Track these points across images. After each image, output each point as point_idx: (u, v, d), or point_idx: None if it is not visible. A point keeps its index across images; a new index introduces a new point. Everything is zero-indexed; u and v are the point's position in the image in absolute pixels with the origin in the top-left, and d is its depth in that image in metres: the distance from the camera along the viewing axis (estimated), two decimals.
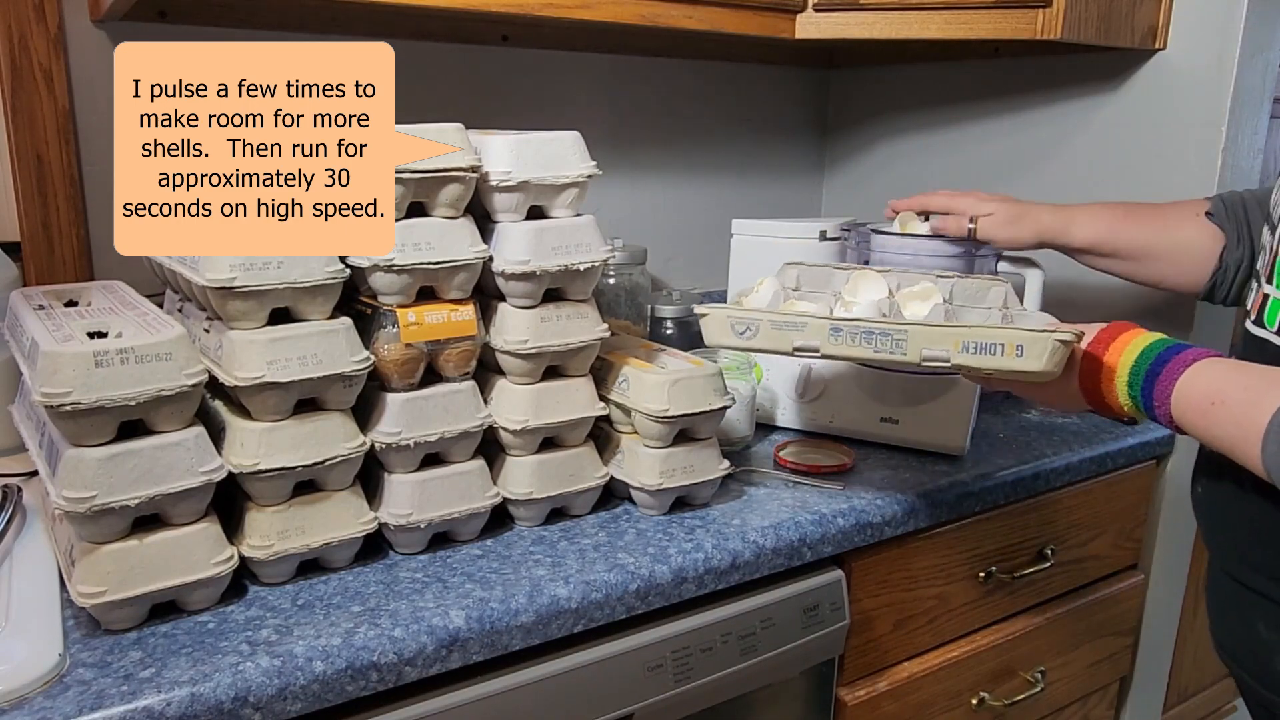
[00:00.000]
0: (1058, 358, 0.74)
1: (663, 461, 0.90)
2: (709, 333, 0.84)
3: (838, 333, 0.79)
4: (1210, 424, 0.70)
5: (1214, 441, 0.71)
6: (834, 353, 0.80)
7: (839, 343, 0.79)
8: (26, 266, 1.06)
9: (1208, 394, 0.70)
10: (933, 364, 0.77)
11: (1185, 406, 0.71)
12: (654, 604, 0.83)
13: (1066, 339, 0.74)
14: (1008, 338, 0.75)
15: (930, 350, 0.77)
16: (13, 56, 1.01)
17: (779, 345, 0.81)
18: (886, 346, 0.78)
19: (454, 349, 0.83)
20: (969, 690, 1.12)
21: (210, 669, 0.65)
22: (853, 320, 0.80)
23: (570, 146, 0.86)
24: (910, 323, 0.79)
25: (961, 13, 1.12)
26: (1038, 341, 0.74)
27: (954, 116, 1.48)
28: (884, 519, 0.96)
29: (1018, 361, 0.75)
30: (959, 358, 0.77)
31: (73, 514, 0.66)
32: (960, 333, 0.77)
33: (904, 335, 0.78)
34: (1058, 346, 0.74)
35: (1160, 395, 0.72)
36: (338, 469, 0.78)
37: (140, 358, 0.67)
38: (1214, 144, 1.18)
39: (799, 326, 0.80)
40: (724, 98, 1.56)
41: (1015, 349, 0.75)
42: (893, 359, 0.78)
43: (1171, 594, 1.37)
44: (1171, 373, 0.72)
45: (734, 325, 0.82)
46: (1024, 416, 1.25)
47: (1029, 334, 0.74)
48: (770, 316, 0.82)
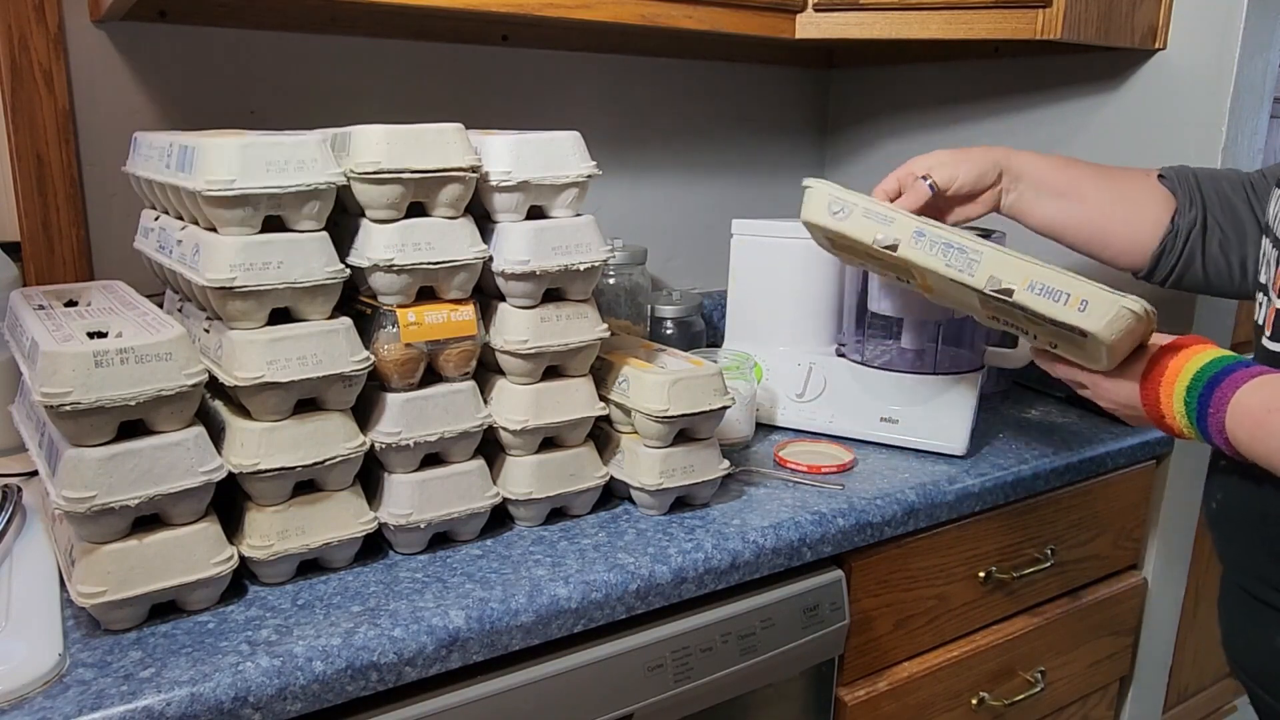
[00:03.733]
0: (1119, 325, 0.72)
1: (663, 461, 0.90)
2: (807, 207, 0.87)
3: (920, 236, 0.81)
4: (1265, 433, 0.69)
5: (1266, 453, 0.70)
6: (909, 255, 0.81)
7: (918, 247, 0.81)
8: (26, 266, 1.06)
9: (1267, 403, 0.69)
10: (996, 297, 0.77)
11: (1241, 415, 0.70)
12: (654, 604, 0.83)
13: (1135, 309, 0.72)
14: (1076, 289, 0.74)
15: (999, 277, 0.77)
16: (13, 56, 1.01)
17: (864, 234, 0.84)
18: (959, 263, 0.79)
19: (454, 349, 0.83)
20: (969, 690, 1.12)
21: (210, 669, 0.65)
22: (936, 228, 0.80)
23: (570, 146, 0.86)
24: (989, 245, 0.79)
25: (961, 13, 1.12)
26: (1105, 302, 0.73)
27: (954, 116, 1.48)
28: (884, 519, 0.96)
29: (1077, 316, 0.74)
30: (1022, 294, 0.76)
31: (73, 514, 0.66)
32: (1032, 270, 0.76)
33: (979, 256, 0.78)
34: (1123, 312, 0.72)
35: (1218, 402, 0.71)
36: (338, 469, 0.78)
37: (140, 358, 0.67)
38: (1214, 144, 1.18)
39: (887, 220, 0.83)
40: (724, 98, 1.56)
41: (1080, 302, 0.74)
42: (961, 278, 0.78)
43: (1171, 594, 1.37)
44: (1235, 381, 0.71)
45: (831, 204, 0.85)
46: (1024, 416, 1.25)
47: (1099, 291, 0.73)
48: (866, 204, 0.84)
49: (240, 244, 0.73)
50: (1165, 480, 1.28)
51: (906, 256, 0.81)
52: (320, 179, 0.75)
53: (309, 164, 0.75)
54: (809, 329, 1.18)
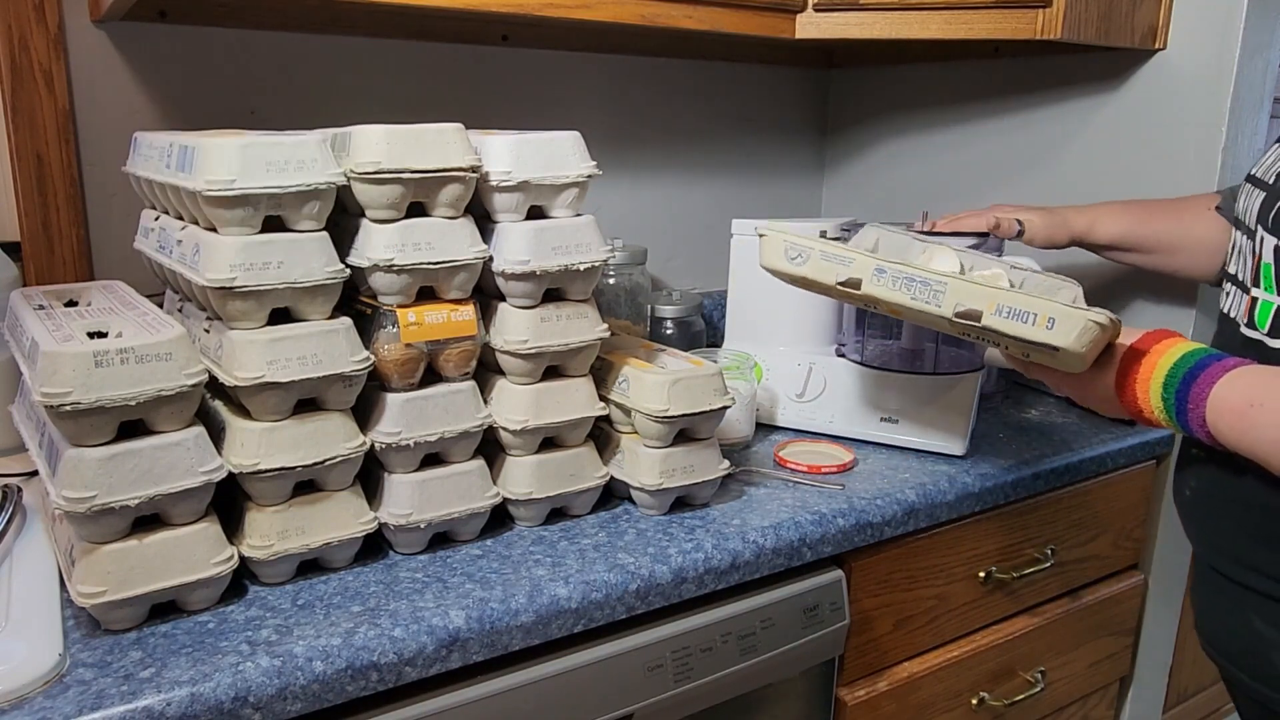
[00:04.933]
0: (1088, 338, 0.73)
1: (663, 461, 0.90)
2: (764, 254, 0.87)
3: (881, 274, 0.81)
4: (1248, 426, 0.70)
5: (1250, 446, 0.70)
6: (874, 293, 0.81)
7: (880, 283, 0.81)
8: (26, 266, 1.06)
9: (1247, 397, 0.70)
10: (965, 323, 0.77)
11: (1222, 409, 0.71)
12: (654, 604, 0.83)
13: (1100, 320, 0.73)
14: (1042, 309, 0.75)
15: (964, 305, 0.77)
16: (13, 56, 1.01)
17: (825, 276, 0.84)
18: (924, 295, 0.79)
19: (454, 349, 0.83)
20: (969, 690, 1.12)
21: (210, 669, 0.65)
22: (896, 264, 0.80)
23: (570, 146, 0.86)
24: (951, 275, 0.79)
25: (961, 13, 1.12)
26: (1071, 317, 0.73)
27: (954, 116, 1.48)
28: (884, 519, 0.96)
29: (1047, 334, 0.74)
30: (990, 319, 0.76)
31: (73, 514, 0.66)
32: (997, 294, 0.76)
33: (943, 287, 0.78)
34: (1090, 326, 0.73)
35: (1196, 397, 0.72)
36: (338, 469, 0.78)
37: (140, 358, 0.67)
38: (1214, 144, 1.18)
39: (846, 261, 0.83)
40: (724, 98, 1.56)
41: (1047, 321, 0.74)
42: (928, 310, 0.79)
43: (1171, 594, 1.37)
44: (1211, 376, 0.72)
45: (788, 250, 0.85)
46: (1024, 416, 1.25)
47: (1064, 309, 0.74)
48: (821, 247, 0.84)
49: (240, 244, 0.73)
50: (1165, 480, 1.28)
51: (870, 294, 0.82)
52: (320, 179, 0.75)
53: (309, 164, 0.75)
54: (809, 329, 1.18)
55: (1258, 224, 0.82)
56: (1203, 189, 1.15)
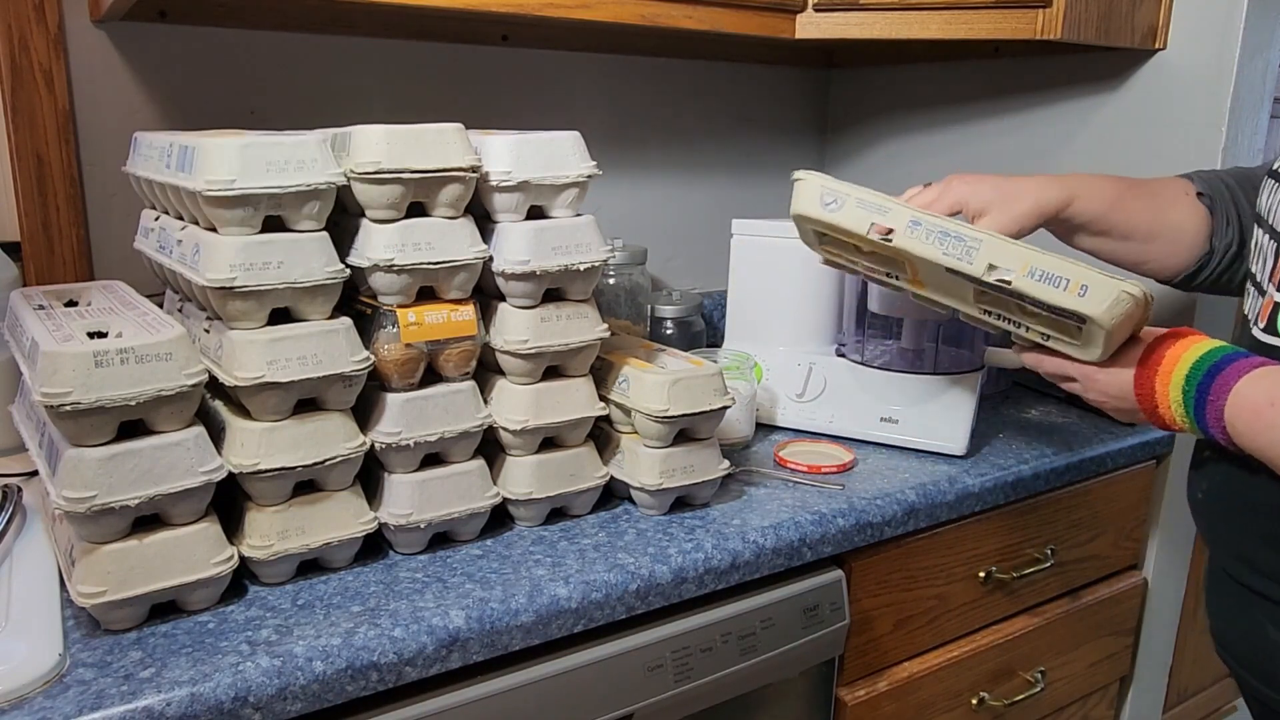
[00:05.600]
0: (1119, 309, 0.73)
1: (663, 461, 0.90)
2: (798, 200, 0.85)
3: (916, 225, 0.79)
4: (1265, 425, 0.69)
5: (1263, 446, 0.70)
6: (905, 245, 0.80)
7: (914, 236, 0.79)
8: (26, 266, 1.06)
9: (1269, 395, 0.69)
10: (995, 283, 0.76)
11: (1242, 405, 0.70)
12: (654, 604, 0.83)
13: (1134, 292, 0.72)
14: (1075, 274, 0.74)
15: (998, 263, 0.76)
16: (13, 56, 1.01)
17: (858, 224, 0.82)
18: (957, 251, 0.78)
19: (454, 349, 0.83)
20: (969, 690, 1.12)
21: (210, 669, 0.65)
22: (931, 217, 0.79)
23: (570, 146, 0.86)
24: (986, 233, 0.78)
25: (961, 13, 1.12)
26: (1105, 286, 0.73)
27: (954, 116, 1.48)
28: (884, 519, 0.96)
29: (1077, 301, 0.73)
30: (1021, 281, 0.75)
31: (73, 514, 0.66)
32: (1031, 256, 0.76)
33: (977, 243, 0.77)
34: (1123, 296, 0.72)
35: (1219, 390, 0.71)
36: (338, 469, 0.78)
37: (140, 358, 0.67)
38: (1214, 144, 1.18)
39: (882, 210, 0.81)
40: (724, 98, 1.56)
41: (1080, 288, 0.73)
42: (959, 266, 0.77)
43: (1171, 594, 1.37)
44: (1237, 369, 0.71)
45: (824, 195, 0.84)
46: (1024, 416, 1.26)
47: (1098, 276, 0.73)
48: (858, 194, 0.82)
49: (240, 244, 0.73)
50: (1165, 480, 1.28)
51: (902, 246, 0.80)
52: (320, 179, 0.75)
53: (309, 164, 0.75)
54: (809, 329, 1.18)
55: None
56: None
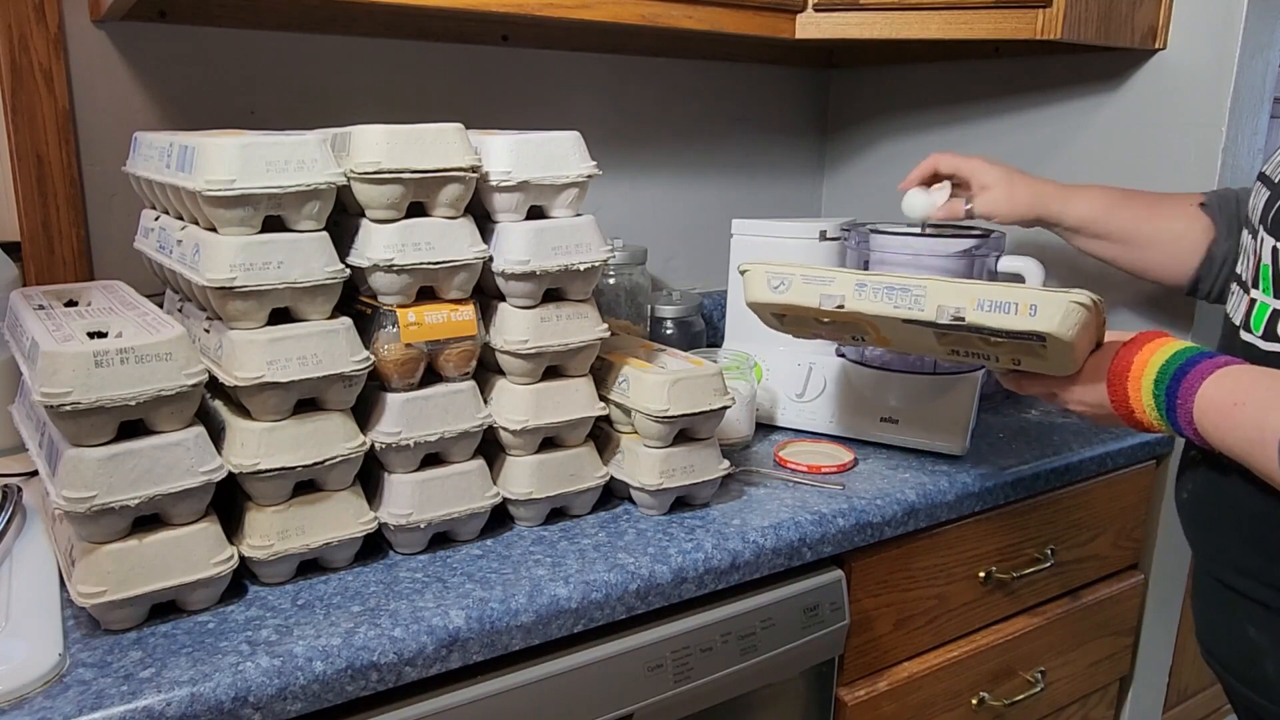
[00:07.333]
0: (1074, 321, 0.73)
1: (663, 461, 0.90)
2: (748, 289, 0.89)
3: (862, 288, 0.82)
4: (1232, 425, 0.69)
5: (1232, 445, 0.70)
6: (858, 307, 0.83)
7: (863, 297, 0.82)
8: (26, 266, 1.06)
9: (1233, 395, 0.70)
10: (952, 325, 0.78)
11: (1208, 407, 0.71)
12: (654, 604, 0.83)
13: (1082, 301, 0.73)
14: (1022, 296, 0.75)
15: (947, 305, 0.78)
16: (13, 56, 1.01)
17: (808, 299, 0.85)
18: (906, 302, 0.80)
19: (454, 349, 0.83)
20: (969, 690, 1.12)
21: (210, 669, 0.65)
22: (875, 276, 0.82)
23: (570, 146, 0.86)
24: (928, 279, 0.80)
25: (961, 13, 1.12)
26: (1052, 301, 0.74)
27: (954, 116, 1.48)
28: (884, 519, 0.96)
29: (1030, 321, 0.75)
30: (974, 314, 0.77)
31: (73, 514, 0.66)
32: (976, 290, 0.77)
33: (922, 291, 0.79)
34: (1073, 308, 0.73)
35: (1185, 393, 0.72)
36: (338, 469, 0.78)
37: (140, 358, 0.67)
38: (1214, 144, 1.18)
39: (827, 281, 0.84)
40: (724, 98, 1.56)
41: (1029, 308, 0.75)
42: (912, 315, 0.80)
43: (1171, 594, 1.37)
44: (1201, 372, 0.72)
45: (770, 279, 0.87)
46: (1024, 417, 1.26)
47: (1043, 293, 0.74)
48: (802, 271, 0.86)
49: (240, 244, 0.73)
50: (1165, 480, 1.28)
51: (855, 309, 0.83)
52: (320, 179, 0.75)
53: (309, 164, 0.75)
54: None
55: (1259, 223, 0.81)
56: (1202, 189, 1.15)
